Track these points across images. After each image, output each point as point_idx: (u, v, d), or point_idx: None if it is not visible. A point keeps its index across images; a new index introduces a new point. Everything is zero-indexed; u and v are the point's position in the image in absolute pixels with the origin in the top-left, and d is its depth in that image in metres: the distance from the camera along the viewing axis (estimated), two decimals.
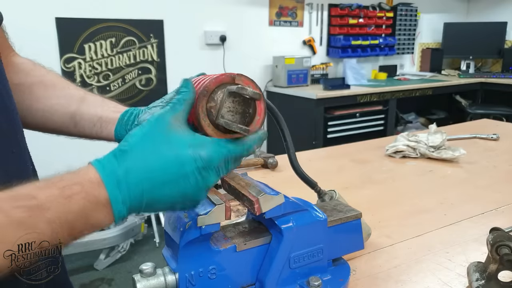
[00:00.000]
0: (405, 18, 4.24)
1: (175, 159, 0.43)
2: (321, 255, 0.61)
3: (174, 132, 0.45)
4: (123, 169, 0.41)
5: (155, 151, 0.43)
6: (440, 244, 0.78)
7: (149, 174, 0.42)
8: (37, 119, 0.73)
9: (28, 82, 0.73)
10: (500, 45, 4.42)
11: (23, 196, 0.38)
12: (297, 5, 3.64)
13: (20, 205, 0.37)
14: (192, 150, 0.44)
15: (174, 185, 0.43)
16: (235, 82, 0.49)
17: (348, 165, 1.30)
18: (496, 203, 0.96)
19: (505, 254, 0.57)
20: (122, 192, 0.41)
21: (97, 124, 0.72)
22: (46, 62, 0.77)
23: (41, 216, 0.37)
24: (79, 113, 0.72)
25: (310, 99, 3.16)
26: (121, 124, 0.70)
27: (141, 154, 0.42)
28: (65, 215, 0.38)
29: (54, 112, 0.73)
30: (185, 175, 0.43)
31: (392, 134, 3.23)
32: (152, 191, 0.42)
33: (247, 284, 0.58)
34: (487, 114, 3.83)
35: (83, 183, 0.40)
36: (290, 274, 0.58)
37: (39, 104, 0.72)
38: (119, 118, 0.71)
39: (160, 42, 3.02)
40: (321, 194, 0.73)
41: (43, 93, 0.73)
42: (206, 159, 0.44)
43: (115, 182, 0.41)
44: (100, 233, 2.60)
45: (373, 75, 4.20)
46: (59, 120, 0.73)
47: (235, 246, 0.56)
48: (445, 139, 1.32)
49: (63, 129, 0.74)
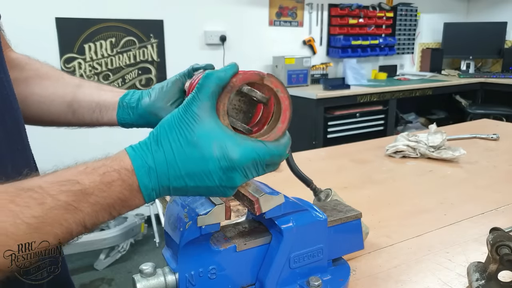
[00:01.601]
0: (405, 18, 4.24)
1: (199, 156, 0.43)
2: (321, 255, 0.61)
3: (201, 126, 0.44)
4: (152, 159, 0.43)
5: (181, 145, 0.44)
6: (440, 244, 0.78)
7: (175, 166, 0.43)
8: (34, 111, 0.73)
9: (24, 76, 0.72)
10: (500, 45, 4.42)
11: (67, 181, 0.41)
12: (297, 5, 3.64)
13: (65, 189, 0.40)
14: (217, 148, 0.43)
15: (198, 179, 0.44)
16: (264, 82, 0.47)
17: (348, 165, 1.30)
18: (496, 203, 0.96)
19: (505, 254, 0.57)
20: (152, 181, 0.43)
21: (96, 110, 0.72)
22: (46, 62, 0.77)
23: (85, 200, 0.41)
24: (76, 101, 0.72)
25: (310, 99, 3.16)
26: (122, 108, 0.71)
27: (168, 146, 0.44)
28: (106, 199, 0.42)
29: (50, 103, 0.72)
30: (208, 172, 0.43)
31: (392, 134, 3.23)
32: (178, 181, 0.44)
33: (247, 284, 0.58)
34: (487, 114, 3.83)
35: (120, 171, 0.43)
36: (290, 274, 0.58)
37: (35, 96, 0.72)
38: (118, 103, 0.71)
39: (160, 42, 3.02)
40: (316, 192, 0.73)
41: (38, 85, 0.73)
42: (231, 159, 0.43)
43: (146, 172, 0.43)
44: (100, 233, 2.60)
45: (373, 75, 4.20)
46: (56, 111, 0.72)
47: (235, 246, 0.56)
48: (445, 139, 1.32)
49: (61, 119, 0.74)
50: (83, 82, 0.75)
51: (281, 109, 0.48)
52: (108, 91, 0.73)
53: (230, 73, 0.45)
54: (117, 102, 0.71)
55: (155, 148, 0.44)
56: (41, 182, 0.40)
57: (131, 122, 0.72)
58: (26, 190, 0.39)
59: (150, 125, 0.72)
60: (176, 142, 0.44)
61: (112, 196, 0.42)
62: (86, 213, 0.41)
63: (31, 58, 0.75)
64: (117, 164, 0.43)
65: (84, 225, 0.41)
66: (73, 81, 0.74)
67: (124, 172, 0.43)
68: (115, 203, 0.43)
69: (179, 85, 0.71)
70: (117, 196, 0.42)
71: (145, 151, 0.44)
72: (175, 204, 0.55)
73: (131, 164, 0.43)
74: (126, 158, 0.44)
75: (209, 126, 0.44)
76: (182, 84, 0.71)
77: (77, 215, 0.40)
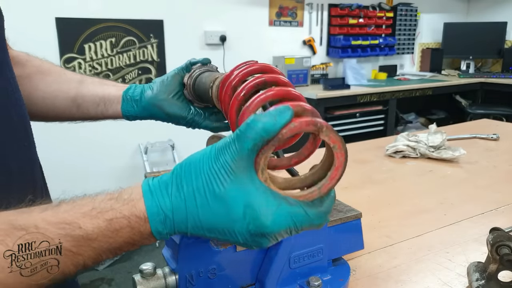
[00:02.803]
0: (405, 18, 4.24)
1: (225, 214, 0.38)
2: (321, 255, 0.61)
3: (233, 182, 0.38)
4: (171, 206, 0.39)
5: (206, 197, 0.38)
6: (440, 244, 0.78)
7: (196, 218, 0.39)
8: (39, 108, 0.75)
9: (26, 72, 0.74)
10: (500, 45, 4.42)
11: (68, 224, 0.37)
12: (297, 5, 3.64)
13: (64, 233, 0.37)
14: (248, 210, 0.38)
15: (220, 234, 0.39)
16: (320, 136, 0.39)
17: (348, 165, 1.30)
18: (496, 203, 0.96)
19: (505, 254, 0.57)
20: (167, 228, 0.39)
21: (101, 104, 0.75)
22: None
23: (86, 245, 0.38)
24: (80, 96, 0.75)
25: (310, 99, 3.16)
26: (126, 101, 0.75)
27: (191, 196, 0.39)
28: (111, 245, 0.39)
29: (54, 98, 0.74)
30: (233, 232, 0.39)
31: (392, 134, 3.23)
32: (196, 231, 0.40)
33: (247, 284, 0.58)
34: (487, 114, 3.83)
35: (130, 218, 0.39)
36: (290, 274, 0.58)
37: (39, 92, 0.74)
38: (122, 96, 0.75)
39: (160, 42, 3.02)
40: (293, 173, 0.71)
41: (41, 81, 0.74)
42: (262, 226, 0.38)
43: (161, 221, 0.39)
44: None
45: (373, 75, 4.20)
46: (61, 106, 0.75)
47: (235, 246, 0.56)
48: (445, 139, 1.32)
49: (65, 114, 0.76)
50: (85, 77, 0.77)
51: (333, 164, 0.40)
52: (111, 85, 0.77)
53: (281, 124, 0.37)
54: (121, 95, 0.75)
55: (176, 194, 0.39)
56: (38, 221, 0.37)
57: (135, 114, 0.76)
58: (19, 229, 0.36)
59: (153, 117, 0.76)
60: (201, 193, 0.38)
61: (119, 241, 0.39)
62: (87, 256, 0.38)
63: (31, 55, 0.77)
64: (127, 210, 0.39)
65: (84, 265, 0.39)
66: (75, 76, 0.77)
67: (134, 220, 0.39)
68: (121, 246, 0.40)
69: (178, 78, 0.75)
70: (125, 241, 0.39)
71: (164, 195, 0.39)
72: None
73: (145, 212, 0.39)
74: (140, 204, 0.39)
75: (243, 183, 0.38)
76: (181, 77, 0.75)
77: (76, 258, 0.38)
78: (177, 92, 0.74)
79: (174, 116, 0.75)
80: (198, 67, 0.75)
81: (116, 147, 3.01)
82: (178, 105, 0.74)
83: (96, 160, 2.94)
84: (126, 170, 3.09)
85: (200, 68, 0.74)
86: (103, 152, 2.96)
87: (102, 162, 2.98)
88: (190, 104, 0.76)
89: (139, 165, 3.07)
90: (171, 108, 0.74)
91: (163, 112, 0.75)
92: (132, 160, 3.10)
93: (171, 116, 0.75)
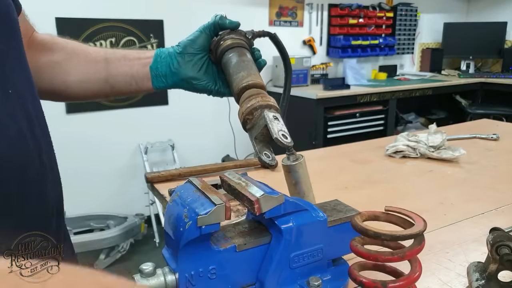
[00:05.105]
0: (405, 18, 4.25)
1: None
2: (321, 255, 0.61)
3: None
4: None
5: None
6: (440, 244, 0.78)
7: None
8: (76, 91, 0.79)
9: (54, 58, 0.78)
10: (500, 45, 4.42)
11: None
12: (297, 5, 3.64)
13: None
14: None
15: None
16: None
17: (348, 165, 1.30)
18: (496, 203, 0.96)
19: (505, 254, 0.57)
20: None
21: (133, 83, 0.79)
22: None
23: None
24: (111, 77, 0.78)
25: (310, 99, 3.16)
26: (155, 78, 0.78)
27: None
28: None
29: (87, 81, 0.78)
30: None
31: (392, 134, 3.23)
32: None
33: (247, 284, 0.58)
34: (487, 114, 3.83)
35: None
36: (290, 274, 0.58)
37: (71, 76, 0.78)
38: (151, 73, 0.78)
39: (160, 42, 3.02)
40: (290, 151, 0.70)
41: (70, 65, 0.78)
42: None
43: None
44: (100, 233, 2.60)
45: (373, 75, 4.20)
46: (96, 87, 0.79)
47: (235, 246, 0.55)
48: (445, 139, 1.32)
49: (101, 94, 0.81)
50: (108, 54, 0.80)
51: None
52: (135, 60, 0.79)
53: None
54: (149, 72, 0.78)
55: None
56: None
57: (165, 87, 0.80)
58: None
59: (182, 88, 0.81)
60: None
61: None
62: None
63: (54, 37, 0.81)
64: None
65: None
66: (99, 54, 0.80)
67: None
68: None
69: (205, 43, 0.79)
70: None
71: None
72: (175, 204, 0.55)
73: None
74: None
75: None
76: (207, 41, 0.79)
77: None
78: (203, 63, 0.78)
79: (201, 90, 0.80)
80: (226, 33, 0.78)
81: (116, 147, 3.01)
82: (205, 80, 0.79)
83: (96, 160, 2.94)
84: (126, 170, 3.09)
85: (228, 37, 0.78)
86: (103, 152, 2.96)
87: (102, 162, 2.98)
88: (216, 74, 0.80)
89: (139, 165, 3.07)
90: (199, 84, 0.79)
91: (192, 87, 0.79)
92: (132, 160, 3.10)
93: (199, 90, 0.80)
